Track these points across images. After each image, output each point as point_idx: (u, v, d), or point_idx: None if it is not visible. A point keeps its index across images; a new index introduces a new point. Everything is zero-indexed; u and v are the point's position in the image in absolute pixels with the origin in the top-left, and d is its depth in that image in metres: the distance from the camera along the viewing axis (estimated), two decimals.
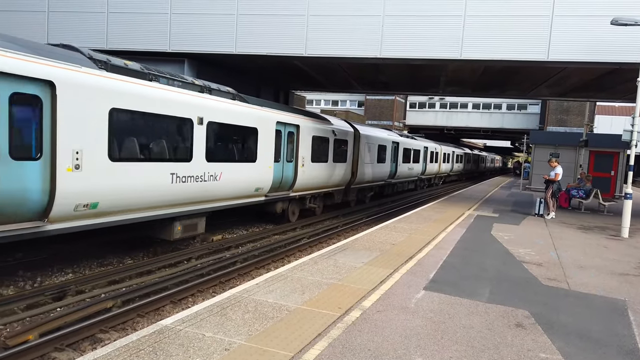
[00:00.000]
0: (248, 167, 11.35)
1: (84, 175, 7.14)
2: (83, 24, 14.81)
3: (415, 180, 28.90)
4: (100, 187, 7.44)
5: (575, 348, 4.78)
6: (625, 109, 54.62)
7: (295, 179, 13.60)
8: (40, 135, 6.59)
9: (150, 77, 8.68)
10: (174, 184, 8.98)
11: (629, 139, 12.33)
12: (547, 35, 12.75)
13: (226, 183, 10.55)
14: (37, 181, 6.58)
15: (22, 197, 6.40)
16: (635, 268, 8.68)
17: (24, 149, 6.44)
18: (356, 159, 18.20)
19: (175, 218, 9.35)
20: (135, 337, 4.35)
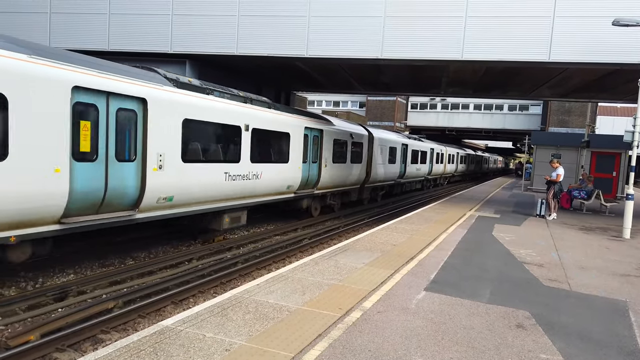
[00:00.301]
0: (282, 167, 12.96)
1: (164, 174, 8.82)
2: (85, 25, 14.84)
3: (422, 180, 30.26)
4: (175, 184, 9.08)
5: (576, 349, 4.77)
6: (627, 110, 54.53)
7: (319, 178, 15.16)
8: (135, 141, 8.25)
9: (208, 91, 10.20)
10: (227, 181, 10.64)
11: (631, 140, 12.31)
12: (549, 36, 12.74)
13: (265, 181, 12.19)
14: (132, 179, 8.22)
15: (123, 191, 8.06)
16: (636, 269, 8.66)
17: (125, 153, 8.05)
18: (370, 160, 19.70)
19: (224, 211, 10.95)
20: (136, 338, 4.36)
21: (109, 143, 7.70)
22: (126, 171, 8.08)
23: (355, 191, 18.94)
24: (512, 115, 48.97)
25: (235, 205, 11.21)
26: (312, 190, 14.93)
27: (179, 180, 9.15)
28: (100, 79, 7.52)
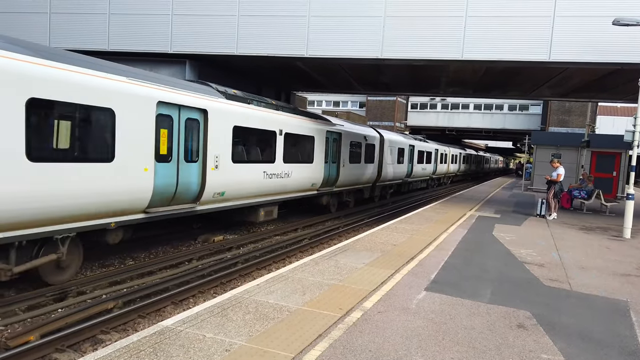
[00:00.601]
0: (308, 167, 14.58)
1: (219, 173, 10.38)
2: (85, 25, 14.83)
3: (427, 180, 32.10)
4: (226, 181, 10.64)
5: (577, 349, 4.76)
6: (627, 110, 54.52)
7: (338, 176, 16.75)
8: (197, 145, 9.84)
9: (249, 100, 11.75)
10: (264, 179, 12.23)
11: (631, 140, 12.30)
12: (549, 35, 12.72)
13: (294, 179, 13.83)
14: (195, 176, 9.81)
15: (189, 187, 9.65)
16: (637, 269, 8.65)
17: (190, 155, 9.65)
18: (381, 160, 21.17)
19: (261, 205, 12.46)
20: (135, 338, 4.35)
21: (180, 147, 9.34)
22: (191, 170, 9.72)
23: (368, 189, 20.46)
24: (512, 115, 48.96)
25: (269, 200, 12.83)
26: (331, 188, 16.51)
27: (229, 178, 10.79)
28: (175, 94, 9.16)
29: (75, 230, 7.41)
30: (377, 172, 20.66)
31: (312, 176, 14.85)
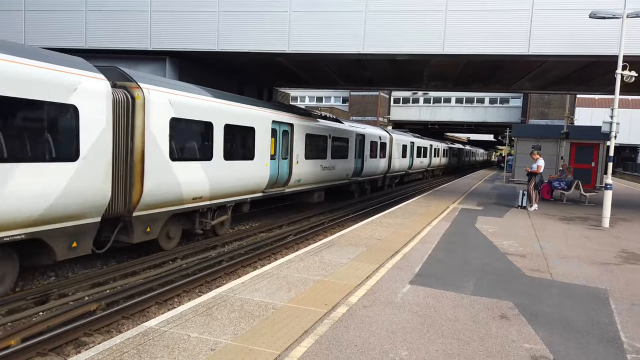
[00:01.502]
0: (345, 161, 19.34)
1: (299, 166, 14.89)
2: (61, 22, 14.54)
3: (423, 171, 36.81)
4: (302, 172, 15.16)
5: (558, 338, 4.85)
6: (604, 101, 55.54)
7: (362, 169, 21.48)
8: (287, 148, 14.28)
9: (313, 115, 17.20)
10: (321, 171, 16.84)
11: (609, 131, 12.54)
12: (528, 29, 12.87)
13: (337, 171, 18.44)
14: (286, 169, 14.33)
15: (283, 176, 14.14)
16: (615, 257, 8.84)
17: (284, 154, 14.13)
18: (390, 155, 25.79)
19: (315, 190, 16.92)
20: (118, 340, 4.30)
21: (279, 149, 13.71)
22: (284, 165, 14.21)
23: (380, 179, 25.24)
24: (493, 108, 49.52)
25: (321, 186, 17.29)
26: (357, 177, 21.16)
27: (304, 170, 15.28)
28: (279, 115, 13.67)
29: (234, 202, 11.67)
30: (387, 165, 25.49)
31: (348, 168, 19.64)
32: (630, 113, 57.00)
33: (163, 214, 9.35)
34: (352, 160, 20.00)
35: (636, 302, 6.13)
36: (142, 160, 8.61)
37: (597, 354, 4.51)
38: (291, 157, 14.33)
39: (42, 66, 6.76)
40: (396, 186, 28.27)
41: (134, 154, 8.55)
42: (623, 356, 4.48)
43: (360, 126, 22.08)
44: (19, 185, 6.44)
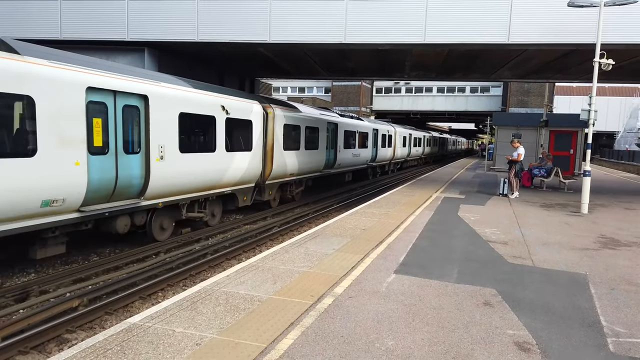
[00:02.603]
0: (366, 150, 24.56)
1: (340, 154, 20.35)
2: (34, 13, 14.12)
3: (417, 159, 42.02)
4: (342, 158, 20.78)
5: (540, 323, 4.93)
6: (582, 89, 56.43)
7: (376, 156, 26.99)
8: (334, 140, 19.73)
9: (347, 115, 22.33)
10: (352, 157, 21.93)
11: (587, 118, 12.74)
12: (507, 18, 12.95)
13: (361, 157, 23.79)
14: (332, 156, 19.61)
15: (330, 160, 19.13)
16: (594, 243, 9.02)
17: (331, 145, 19.46)
18: (395, 145, 31.64)
19: (347, 172, 22.42)
20: (102, 337, 4.24)
21: (329, 142, 18.84)
22: (332, 153, 19.35)
23: (387, 165, 31.46)
24: (474, 97, 49.93)
25: (350, 169, 22.55)
26: (372, 163, 26.57)
27: (343, 157, 20.69)
28: (348, 120, 20.65)
29: (307, 178, 14.86)
30: (392, 154, 31.20)
31: (367, 156, 24.98)
32: (607, 100, 58.11)
33: (277, 184, 14.88)
34: (371, 148, 25.81)
35: (615, 287, 6.27)
36: (272, 150, 13.93)
37: (578, 338, 4.60)
38: (336, 147, 19.93)
39: (247, 101, 12.92)
40: (382, 175, 30.90)
41: (267, 146, 13.74)
42: (603, 340, 4.58)
43: (373, 122, 28.35)
44: (234, 164, 12.11)
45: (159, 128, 9.49)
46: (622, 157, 45.44)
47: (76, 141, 7.73)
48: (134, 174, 8.99)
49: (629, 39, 12.67)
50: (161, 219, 10.16)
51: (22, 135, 7.00)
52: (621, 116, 60.44)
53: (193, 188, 10.78)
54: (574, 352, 4.29)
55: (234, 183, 12.39)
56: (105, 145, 8.35)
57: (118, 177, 8.61)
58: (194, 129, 10.77)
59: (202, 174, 10.91)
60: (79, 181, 7.79)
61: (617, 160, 46.45)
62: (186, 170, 10.35)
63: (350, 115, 24.35)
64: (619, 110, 60.08)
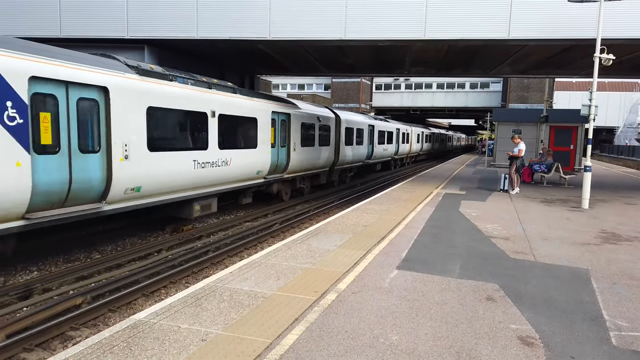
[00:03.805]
0: (391, 146, 30.09)
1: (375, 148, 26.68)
2: (34, 11, 14.10)
3: (427, 153, 46.92)
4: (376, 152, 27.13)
5: (543, 317, 4.96)
6: (582, 84, 56.36)
7: (397, 150, 32.54)
8: (371, 139, 26.06)
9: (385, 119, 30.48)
10: (382, 152, 28.21)
11: (587, 113, 12.74)
12: (508, 13, 12.94)
13: (388, 152, 29.48)
14: (371, 150, 26.01)
15: (370, 154, 25.58)
16: (595, 237, 9.05)
17: (369, 141, 25.40)
18: (411, 142, 37.33)
19: (376, 164, 28.02)
20: (107, 334, 4.25)
21: (372, 140, 25.41)
22: (371, 147, 25.64)
23: (406, 157, 36.77)
24: (473, 93, 49.90)
25: (381, 160, 28.15)
26: (394, 155, 31.82)
27: (377, 151, 26.46)
28: (399, 125, 28.36)
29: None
30: (409, 148, 36.85)
31: (391, 151, 30.40)
32: (607, 95, 58.06)
33: (340, 169, 20.75)
34: (394, 144, 31.35)
35: (617, 281, 6.29)
36: (338, 145, 19.97)
37: (581, 332, 4.63)
38: (373, 144, 25.69)
39: (329, 112, 19.62)
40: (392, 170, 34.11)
41: (337, 143, 19.79)
42: (606, 334, 4.61)
43: (395, 122, 32.60)
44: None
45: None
46: (622, 152, 45.47)
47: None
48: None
49: (629, 34, 12.67)
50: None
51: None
52: (621, 111, 60.45)
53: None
54: (577, 346, 4.31)
55: (320, 166, 18.49)
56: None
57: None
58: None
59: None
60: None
61: (617, 155, 46.47)
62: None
63: (381, 118, 30.58)
64: (619, 106, 60.09)
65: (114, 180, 8.33)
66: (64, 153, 7.52)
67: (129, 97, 8.67)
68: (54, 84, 7.32)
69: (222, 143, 11.53)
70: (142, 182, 9.01)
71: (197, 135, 10.66)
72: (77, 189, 7.73)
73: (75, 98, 7.70)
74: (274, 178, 14.42)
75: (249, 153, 12.79)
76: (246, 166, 12.67)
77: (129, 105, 8.68)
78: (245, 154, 12.57)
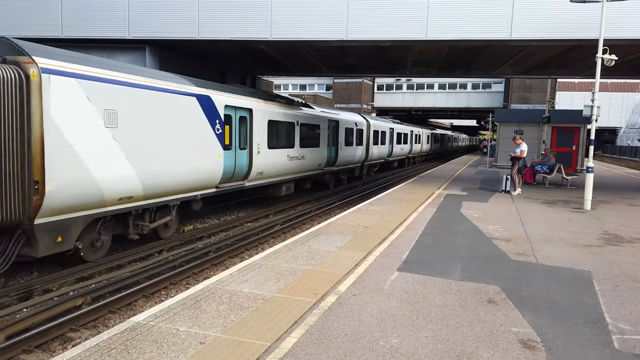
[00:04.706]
0: (406, 145, 34.22)
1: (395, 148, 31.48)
2: (35, 11, 14.10)
3: (434, 153, 49.72)
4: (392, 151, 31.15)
5: (545, 320, 4.92)
6: (584, 85, 56.23)
7: (411, 150, 36.27)
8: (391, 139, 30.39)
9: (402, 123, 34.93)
10: (400, 150, 32.98)
11: (590, 114, 12.69)
12: (510, 13, 12.89)
13: (403, 151, 33.72)
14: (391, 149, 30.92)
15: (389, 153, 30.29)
16: (597, 239, 9.00)
17: (390, 141, 29.97)
18: (422, 142, 40.89)
19: (391, 162, 31.69)
20: (106, 336, 4.23)
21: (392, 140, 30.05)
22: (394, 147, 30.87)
23: (418, 156, 40.50)
24: (475, 93, 49.80)
25: (397, 158, 32.62)
26: (408, 154, 35.62)
27: (395, 150, 30.77)
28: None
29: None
30: (420, 148, 40.20)
31: (406, 150, 34.25)
32: (609, 96, 57.89)
33: (368, 164, 25.00)
34: (409, 144, 35.15)
35: (619, 284, 6.25)
36: (368, 143, 24.14)
37: (583, 335, 4.59)
38: (392, 144, 29.90)
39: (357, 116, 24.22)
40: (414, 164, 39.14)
41: (365, 142, 23.63)
42: (608, 337, 4.57)
43: (408, 125, 36.06)
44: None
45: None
46: (625, 153, 45.32)
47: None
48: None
49: (632, 35, 12.61)
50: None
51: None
52: (623, 112, 60.29)
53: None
54: (579, 350, 4.28)
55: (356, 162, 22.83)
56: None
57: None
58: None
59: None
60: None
61: (619, 156, 46.33)
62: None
63: (397, 121, 33.48)
64: (621, 106, 59.93)
65: (252, 167, 12.80)
66: (233, 149, 11.98)
67: (261, 115, 13.21)
68: (231, 108, 11.87)
69: (301, 143, 16.02)
70: (264, 169, 13.50)
71: (288, 138, 15.16)
72: (237, 172, 12.27)
73: (238, 116, 12.22)
74: (328, 170, 19.34)
75: (315, 150, 17.51)
76: (313, 160, 17.30)
77: (261, 119, 13.19)
78: (313, 151, 17.25)
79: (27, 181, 6.80)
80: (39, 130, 6.88)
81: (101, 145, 7.94)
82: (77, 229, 7.72)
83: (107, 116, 8.03)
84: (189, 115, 10.17)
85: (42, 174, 6.89)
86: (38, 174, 6.87)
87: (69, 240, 7.61)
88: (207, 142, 10.78)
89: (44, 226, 7.08)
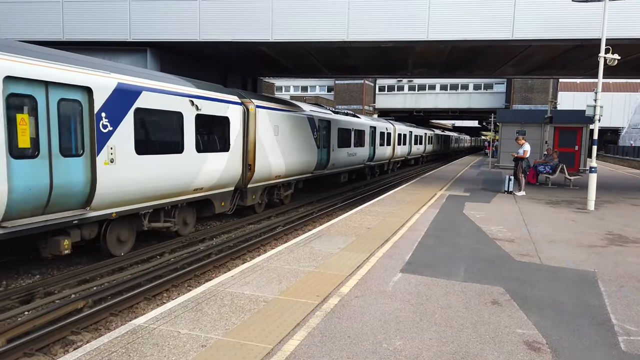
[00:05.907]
0: (420, 146, 38.78)
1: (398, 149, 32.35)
2: (37, 14, 14.12)
3: (441, 153, 52.47)
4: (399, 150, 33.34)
5: (550, 322, 4.87)
6: (586, 85, 56.12)
7: (410, 151, 35.25)
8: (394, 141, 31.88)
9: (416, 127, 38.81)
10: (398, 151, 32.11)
11: (592, 114, 12.63)
12: (511, 14, 12.85)
13: (404, 150, 33.36)
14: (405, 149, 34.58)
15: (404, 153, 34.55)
16: (602, 239, 8.94)
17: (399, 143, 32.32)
18: (433, 143, 43.97)
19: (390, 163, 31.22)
20: (106, 339, 4.20)
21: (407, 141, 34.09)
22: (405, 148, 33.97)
23: (419, 158, 41.11)
24: (477, 94, 49.74)
25: (399, 159, 32.70)
26: (407, 156, 34.96)
27: (398, 151, 31.47)
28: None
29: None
30: (424, 149, 41.08)
31: (405, 151, 33.70)
32: (612, 96, 57.77)
33: (393, 161, 31.41)
34: (406, 145, 34.23)
35: (624, 284, 6.19)
36: (394, 145, 30.04)
37: (588, 337, 4.54)
38: (410, 144, 34.12)
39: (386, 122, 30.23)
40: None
41: (393, 143, 29.83)
42: (614, 338, 4.51)
43: (412, 126, 36.62)
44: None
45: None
46: (627, 153, 45.20)
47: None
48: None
49: (635, 34, 12.55)
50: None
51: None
52: (626, 112, 60.15)
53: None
54: (585, 351, 4.23)
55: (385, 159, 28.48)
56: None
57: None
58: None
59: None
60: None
61: (622, 156, 46.21)
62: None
63: (414, 125, 37.00)
64: (624, 106, 59.79)
65: (330, 160, 18.07)
66: (320, 148, 16.55)
67: (335, 124, 18.81)
68: (324, 121, 17.19)
69: (355, 144, 21.44)
70: (335, 162, 18.84)
71: (348, 140, 20.24)
72: (321, 163, 17.26)
73: (324, 126, 17.31)
74: (368, 164, 24.41)
75: (361, 149, 22.60)
76: (360, 157, 22.17)
77: (335, 128, 18.89)
78: (360, 150, 22.35)
79: (244, 164, 12.26)
80: (253, 137, 12.59)
81: (272, 145, 13.63)
82: (260, 192, 13.48)
83: (275, 129, 13.75)
84: (305, 129, 16.05)
85: (254, 160, 12.59)
86: (252, 160, 12.56)
87: (259, 198, 13.64)
88: (310, 144, 16.48)
89: (251, 189, 12.78)
